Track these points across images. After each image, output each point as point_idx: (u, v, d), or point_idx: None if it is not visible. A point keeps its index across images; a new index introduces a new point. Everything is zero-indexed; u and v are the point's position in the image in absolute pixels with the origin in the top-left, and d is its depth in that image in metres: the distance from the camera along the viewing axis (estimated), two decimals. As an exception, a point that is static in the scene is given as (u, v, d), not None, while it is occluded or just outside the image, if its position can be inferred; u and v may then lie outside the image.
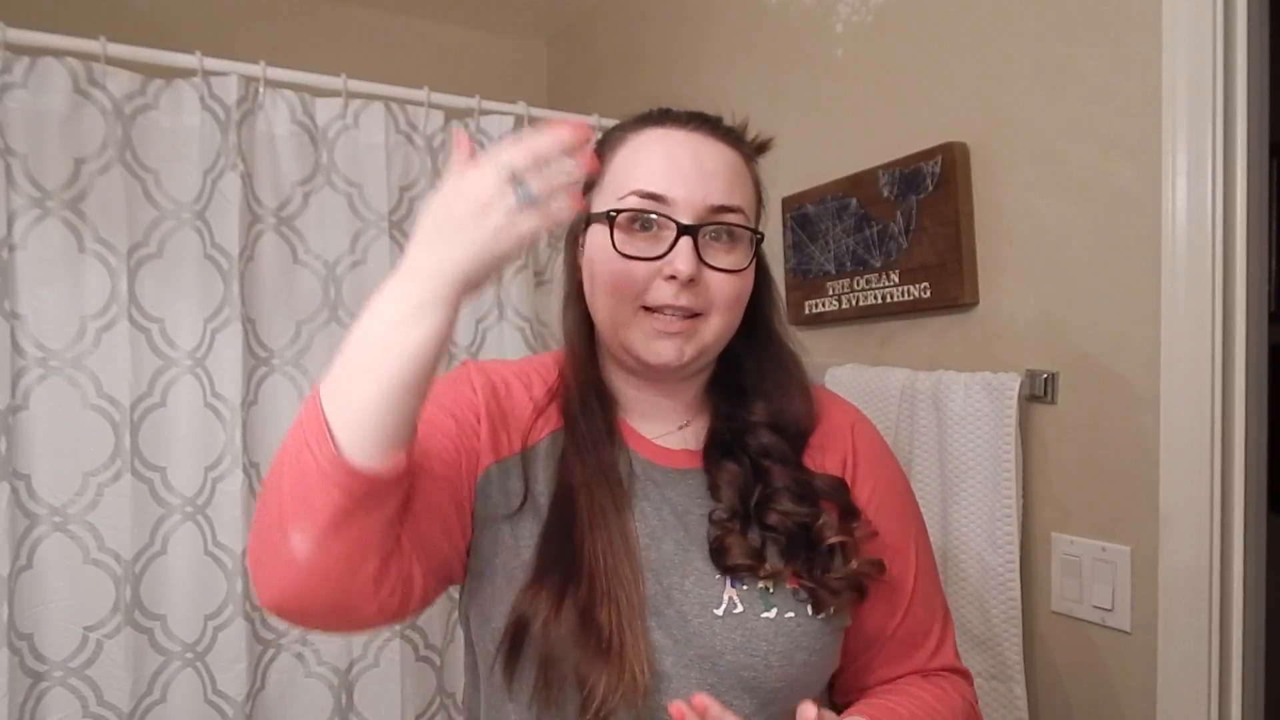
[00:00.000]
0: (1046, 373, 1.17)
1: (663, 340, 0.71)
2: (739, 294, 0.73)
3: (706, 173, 0.71)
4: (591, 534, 0.68)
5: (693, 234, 0.70)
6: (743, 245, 0.73)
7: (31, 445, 1.34)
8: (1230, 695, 1.02)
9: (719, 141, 0.74)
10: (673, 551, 0.71)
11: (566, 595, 0.66)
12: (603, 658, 0.64)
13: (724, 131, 0.76)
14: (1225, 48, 1.01)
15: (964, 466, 1.21)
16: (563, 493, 0.71)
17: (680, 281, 0.69)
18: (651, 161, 0.72)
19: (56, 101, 1.36)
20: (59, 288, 1.36)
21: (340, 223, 1.57)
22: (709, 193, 0.71)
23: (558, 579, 0.67)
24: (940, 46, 1.33)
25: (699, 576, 0.70)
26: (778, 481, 0.73)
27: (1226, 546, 1.02)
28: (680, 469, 0.76)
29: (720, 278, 0.71)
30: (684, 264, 0.69)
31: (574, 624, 0.65)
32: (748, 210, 0.74)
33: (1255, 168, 1.02)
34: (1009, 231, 1.23)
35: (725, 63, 1.80)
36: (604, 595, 0.66)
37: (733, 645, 0.68)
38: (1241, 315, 1.01)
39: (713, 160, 0.72)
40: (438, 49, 2.40)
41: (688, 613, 0.68)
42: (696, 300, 0.71)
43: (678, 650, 0.67)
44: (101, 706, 1.37)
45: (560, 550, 0.68)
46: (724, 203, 0.72)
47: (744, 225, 0.73)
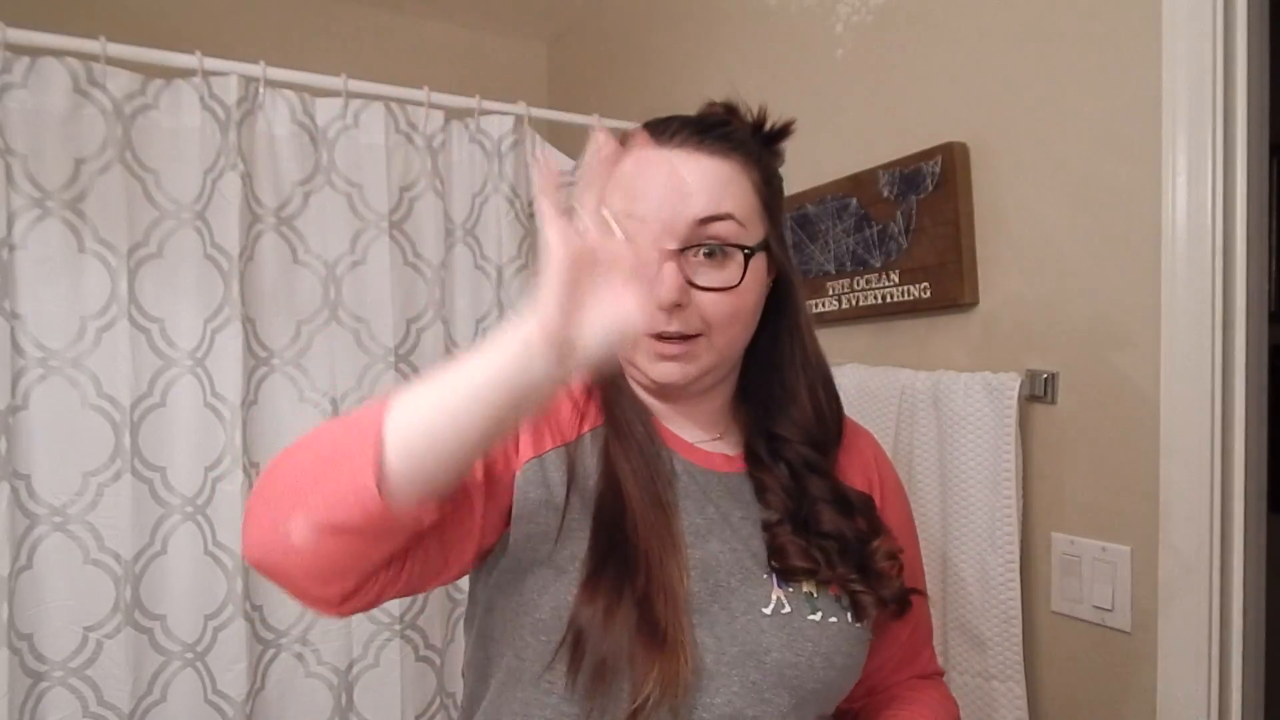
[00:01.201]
0: (1046, 373, 1.17)
1: (664, 363, 0.72)
2: (734, 312, 0.72)
3: (686, 191, 0.70)
4: (643, 527, 0.68)
5: (674, 258, 0.69)
6: (735, 261, 0.71)
7: (31, 445, 1.34)
8: (1230, 695, 1.02)
9: (704, 155, 0.72)
10: (719, 550, 0.72)
11: (624, 589, 0.65)
12: (657, 651, 0.64)
13: (713, 140, 0.73)
14: (1225, 48, 1.01)
15: (964, 466, 1.21)
16: (611, 485, 0.70)
17: (665, 309, 0.68)
18: (632, 186, 0.71)
19: (56, 101, 1.35)
20: (59, 288, 1.36)
21: (340, 223, 1.57)
22: (690, 208, 0.69)
23: (614, 572, 0.66)
24: (940, 46, 1.33)
25: (745, 575, 0.71)
26: (815, 492, 0.75)
27: (1226, 546, 1.02)
28: (720, 472, 0.77)
29: (710, 298, 0.70)
30: (665, 291, 0.67)
31: (633, 618, 0.65)
32: (742, 215, 0.72)
33: (1255, 168, 1.02)
34: (1009, 231, 1.23)
35: (725, 63, 1.80)
36: (659, 589, 0.66)
37: (779, 644, 0.69)
38: (1241, 315, 1.01)
39: (695, 175, 0.71)
40: (438, 49, 2.40)
41: (735, 609, 0.69)
42: (689, 323, 0.70)
43: (719, 648, 0.68)
44: (101, 706, 1.37)
45: (614, 543, 0.68)
46: (709, 213, 0.70)
47: (734, 243, 0.71)
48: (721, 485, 0.75)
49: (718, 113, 0.79)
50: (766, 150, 0.78)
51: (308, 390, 1.54)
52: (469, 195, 1.72)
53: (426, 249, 1.65)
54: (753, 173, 0.74)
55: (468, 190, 1.72)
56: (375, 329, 1.58)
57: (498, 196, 1.73)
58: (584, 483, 0.72)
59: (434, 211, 1.65)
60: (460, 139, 1.71)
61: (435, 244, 1.66)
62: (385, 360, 1.59)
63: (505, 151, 1.73)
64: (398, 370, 1.60)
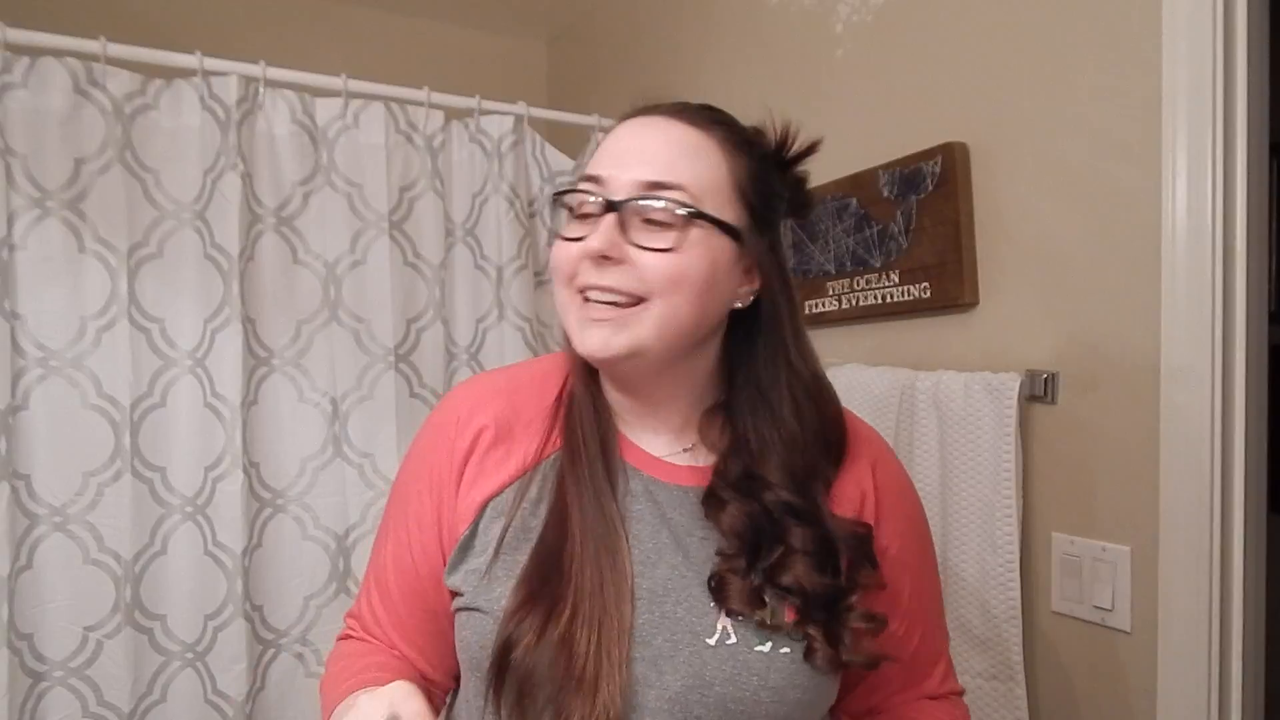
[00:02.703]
0: (1046, 373, 1.17)
1: (591, 327, 0.67)
2: (675, 275, 0.66)
3: (648, 152, 0.67)
4: (582, 558, 0.67)
5: (616, 209, 0.66)
6: (678, 227, 0.66)
7: (31, 445, 1.34)
8: (1230, 695, 1.02)
9: (680, 122, 0.69)
10: (667, 577, 0.68)
11: (550, 620, 0.64)
12: (576, 687, 0.62)
13: (694, 115, 0.70)
14: (1225, 48, 1.01)
15: (964, 466, 1.21)
16: (556, 514, 0.70)
17: (591, 257, 0.66)
18: (603, 149, 0.70)
19: (56, 101, 1.36)
20: (59, 288, 1.36)
21: (340, 223, 1.57)
22: (644, 170, 0.67)
23: (544, 603, 0.65)
24: (940, 46, 1.33)
25: (692, 604, 0.67)
26: (796, 543, 0.68)
27: (1226, 546, 1.02)
28: (685, 486, 0.72)
29: (649, 257, 0.66)
30: (597, 239, 0.65)
31: (552, 650, 0.63)
32: (697, 189, 0.67)
33: (1255, 168, 1.02)
34: (1009, 231, 1.23)
35: (725, 63, 1.80)
36: (586, 621, 0.64)
37: (723, 676, 0.65)
38: (1241, 315, 1.01)
39: (660, 140, 0.68)
40: (438, 49, 2.40)
41: (678, 641, 0.66)
42: (624, 280, 0.66)
43: (662, 682, 0.65)
44: (101, 706, 1.37)
45: (548, 574, 0.67)
46: (658, 179, 0.66)
47: (668, 199, 0.66)
48: (683, 501, 0.71)
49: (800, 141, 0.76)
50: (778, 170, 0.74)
51: (308, 390, 1.54)
52: (469, 195, 1.72)
53: (426, 249, 1.65)
54: (733, 157, 0.70)
55: (468, 190, 1.72)
56: (375, 329, 1.58)
57: (498, 196, 1.73)
58: (531, 512, 0.71)
59: (434, 211, 1.66)
60: (460, 139, 1.71)
61: (435, 244, 1.66)
62: (385, 360, 1.59)
63: (505, 151, 1.73)
64: (398, 370, 1.60)
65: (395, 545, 0.78)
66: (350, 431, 1.57)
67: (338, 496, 1.56)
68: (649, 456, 0.74)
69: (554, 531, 0.69)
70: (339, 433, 1.56)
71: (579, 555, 0.67)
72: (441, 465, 0.75)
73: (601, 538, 0.68)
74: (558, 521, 0.69)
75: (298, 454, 1.54)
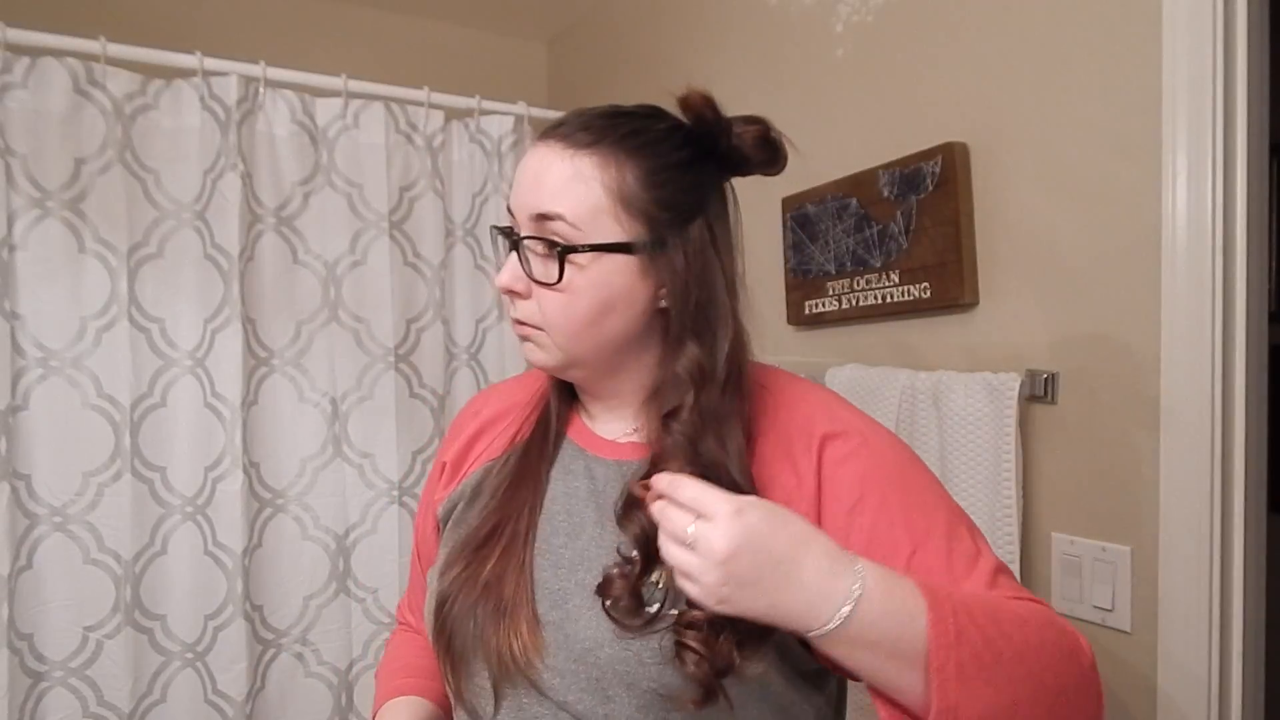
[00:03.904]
0: (1046, 373, 1.17)
1: (525, 346, 0.76)
2: (563, 310, 0.70)
3: (534, 186, 0.71)
4: (509, 523, 0.75)
5: (514, 245, 0.72)
6: (558, 262, 0.69)
7: (31, 445, 1.34)
8: (1230, 695, 1.02)
9: (562, 150, 0.70)
10: (585, 547, 0.73)
11: (479, 558, 0.74)
12: (499, 613, 0.71)
13: (578, 131, 0.70)
14: (1225, 48, 1.01)
15: (964, 466, 1.21)
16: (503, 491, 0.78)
17: (499, 291, 0.74)
18: (515, 179, 0.76)
19: (56, 101, 1.36)
20: (59, 288, 1.36)
21: (340, 223, 1.57)
22: (530, 203, 0.71)
23: (471, 564, 0.74)
24: (940, 46, 1.33)
25: (600, 572, 0.70)
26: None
27: (1226, 546, 1.02)
28: (620, 461, 0.77)
29: (542, 293, 0.71)
30: (502, 276, 0.73)
31: (479, 580, 0.72)
32: (578, 216, 0.68)
33: (1255, 168, 1.02)
34: (1009, 231, 1.23)
35: (725, 63, 1.80)
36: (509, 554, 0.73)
37: (608, 639, 0.67)
38: (1241, 315, 1.01)
39: (540, 169, 0.71)
40: (438, 49, 2.40)
41: (584, 606, 0.70)
42: (530, 313, 0.72)
43: (567, 644, 0.69)
44: (101, 706, 1.38)
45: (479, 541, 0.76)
46: (541, 210, 0.70)
47: (556, 239, 0.68)
48: (617, 476, 0.76)
49: (644, 108, 0.74)
50: (704, 151, 0.72)
51: (308, 390, 1.54)
52: (469, 195, 1.72)
53: (426, 249, 1.65)
54: (615, 171, 0.69)
55: (468, 190, 1.72)
56: (375, 329, 1.58)
57: (498, 196, 1.73)
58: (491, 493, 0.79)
59: (434, 211, 1.66)
60: (460, 139, 1.71)
61: (435, 244, 1.66)
62: (385, 360, 1.59)
63: (505, 151, 1.73)
64: (398, 370, 1.60)
65: (415, 533, 0.93)
66: (350, 431, 1.57)
67: (338, 496, 1.56)
68: (597, 438, 0.80)
69: (495, 505, 0.77)
70: (339, 433, 1.56)
71: (511, 522, 0.75)
72: (445, 455, 0.88)
73: (533, 507, 0.76)
74: (502, 497, 0.78)
75: (298, 454, 1.54)
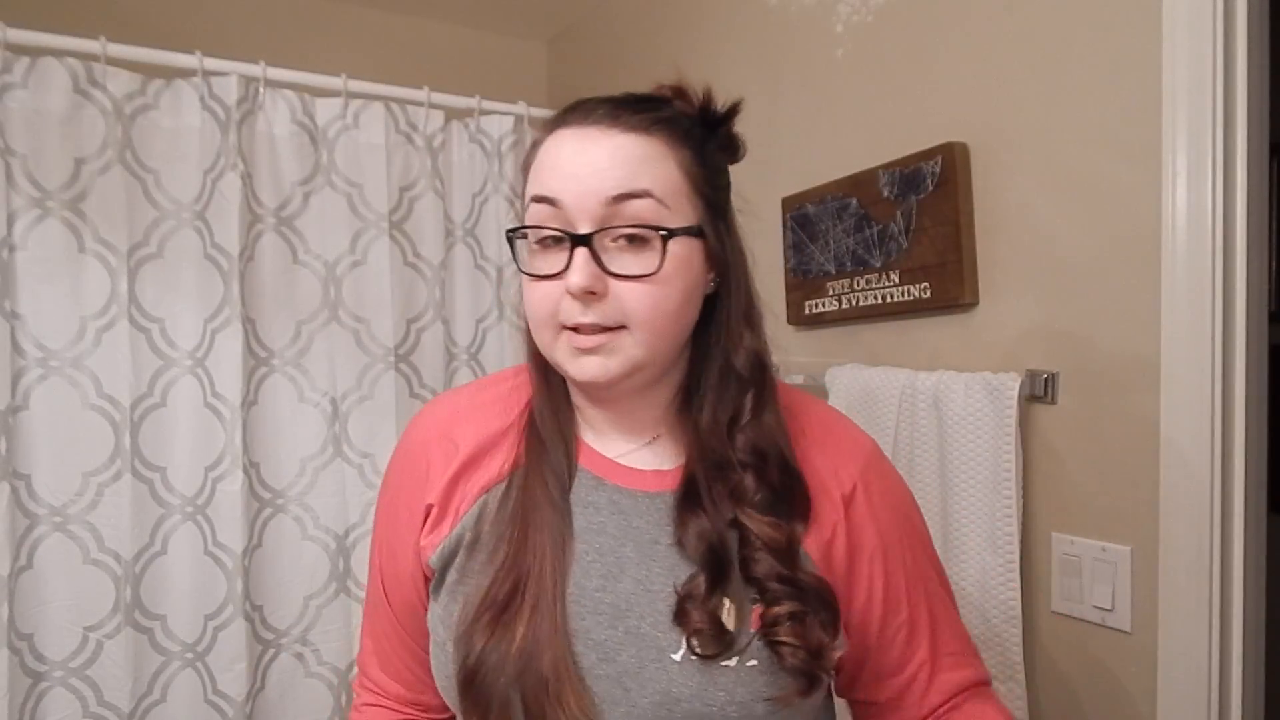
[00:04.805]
0: (1046, 373, 1.17)
1: (583, 358, 0.65)
2: (655, 303, 0.64)
3: (599, 169, 0.64)
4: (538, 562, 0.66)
5: (586, 243, 0.63)
6: (654, 245, 0.64)
7: (31, 445, 1.34)
8: (1230, 695, 1.02)
9: (621, 131, 0.65)
10: (630, 591, 0.67)
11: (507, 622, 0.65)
12: (541, 686, 0.62)
13: (633, 115, 0.67)
14: (1225, 48, 1.01)
15: (964, 466, 1.21)
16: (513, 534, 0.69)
17: (577, 297, 0.64)
18: (545, 166, 0.67)
19: (56, 101, 1.36)
20: (59, 288, 1.36)
21: (340, 223, 1.58)
22: (602, 186, 0.63)
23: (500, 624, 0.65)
24: (940, 46, 1.33)
25: (657, 619, 0.65)
26: (758, 538, 0.67)
27: (1226, 546, 1.02)
28: (649, 492, 0.70)
29: (629, 287, 0.64)
30: (577, 277, 0.63)
31: (514, 651, 0.64)
32: (663, 193, 0.64)
33: (1255, 168, 1.02)
34: (1009, 231, 1.23)
35: (725, 63, 1.80)
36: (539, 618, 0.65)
37: (689, 693, 0.63)
38: (1241, 315, 1.01)
39: (608, 154, 0.64)
40: (438, 49, 2.40)
41: (644, 657, 0.65)
42: (607, 315, 0.64)
43: (629, 699, 0.64)
44: (101, 706, 1.38)
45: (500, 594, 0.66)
46: (623, 190, 0.63)
47: (648, 225, 0.64)
48: (649, 509, 0.69)
49: (656, 92, 0.72)
50: (710, 135, 0.71)
51: (308, 390, 1.54)
52: (469, 195, 1.72)
53: (426, 249, 1.65)
54: (680, 152, 0.67)
55: (468, 190, 1.72)
56: (375, 329, 1.58)
57: (498, 196, 1.73)
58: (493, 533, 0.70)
59: (434, 211, 1.66)
60: (460, 139, 1.71)
61: (435, 244, 1.66)
62: (385, 360, 1.59)
63: (505, 151, 1.73)
64: (398, 370, 1.60)
65: (379, 578, 0.79)
66: (350, 431, 1.57)
67: (338, 496, 1.56)
68: (612, 464, 0.72)
69: (509, 557, 0.68)
70: (339, 433, 1.56)
71: (535, 573, 0.66)
72: (410, 498, 0.75)
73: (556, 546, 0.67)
74: (515, 543, 0.68)
75: (298, 454, 1.54)
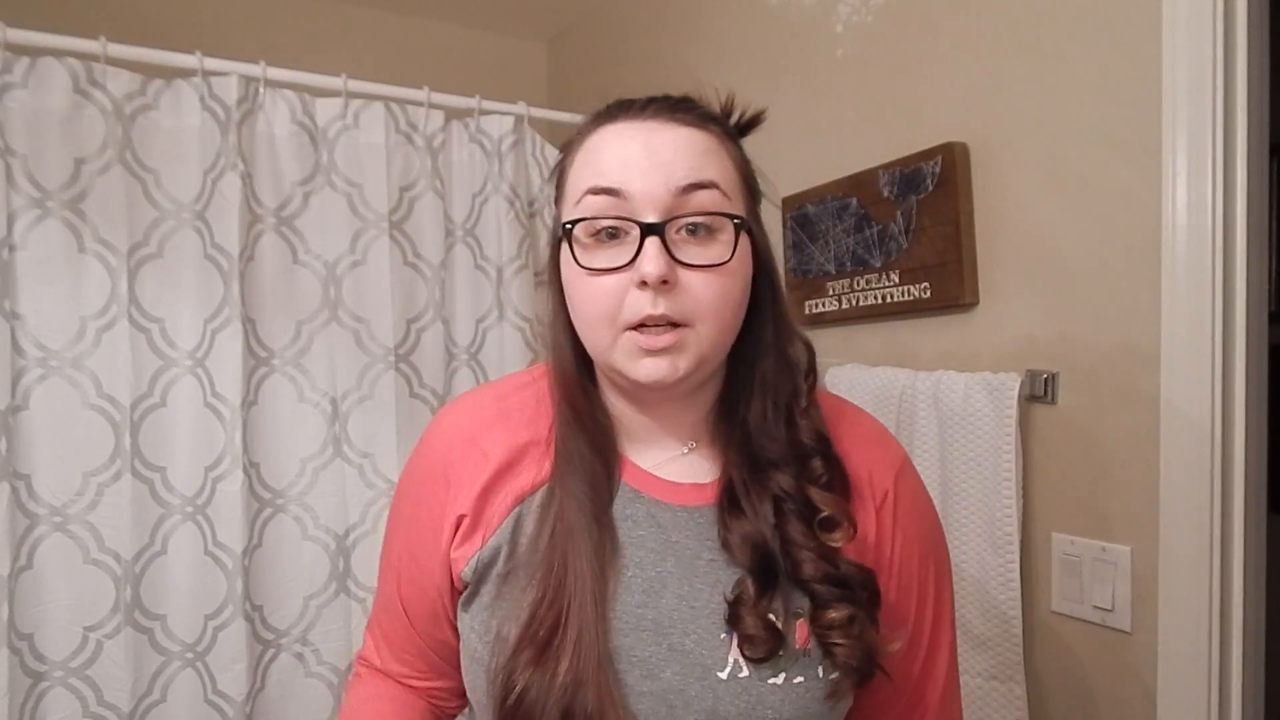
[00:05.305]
0: (1046, 373, 1.17)
1: (650, 359, 0.63)
2: (724, 293, 0.64)
3: (664, 159, 0.63)
4: (578, 590, 0.64)
5: (658, 231, 0.62)
6: (724, 234, 0.64)
7: (31, 445, 1.34)
8: (1230, 695, 1.02)
9: (679, 125, 0.65)
10: (673, 607, 0.65)
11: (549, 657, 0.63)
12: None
13: (686, 113, 0.67)
14: (1225, 48, 1.01)
15: (964, 466, 1.21)
16: (553, 549, 0.66)
17: (652, 286, 0.61)
18: (603, 158, 0.65)
19: (56, 101, 1.35)
20: (59, 288, 1.36)
21: (340, 223, 1.57)
22: (670, 176, 0.62)
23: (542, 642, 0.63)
24: (940, 46, 1.33)
25: (701, 636, 0.64)
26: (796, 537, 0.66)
27: (1226, 546, 1.02)
28: (688, 506, 0.69)
29: (699, 278, 0.63)
30: (652, 265, 0.61)
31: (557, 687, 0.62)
32: (726, 185, 0.65)
33: (1255, 168, 1.02)
34: (1009, 231, 1.24)
35: (725, 63, 1.80)
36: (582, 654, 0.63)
37: (736, 711, 0.62)
38: (1241, 315, 1.01)
39: (672, 145, 0.64)
40: (438, 49, 2.40)
41: (689, 675, 0.64)
42: (677, 307, 0.62)
43: (674, 716, 0.63)
44: (101, 706, 1.37)
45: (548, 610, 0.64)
46: (692, 180, 0.63)
47: (721, 212, 0.64)
48: (690, 523, 0.68)
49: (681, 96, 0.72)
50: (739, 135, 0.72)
51: (308, 390, 1.54)
52: (469, 195, 1.72)
53: (426, 249, 1.65)
54: (730, 147, 0.68)
55: (468, 190, 1.72)
56: (375, 329, 1.58)
57: (498, 196, 1.73)
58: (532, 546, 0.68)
59: (434, 211, 1.65)
60: (460, 139, 1.71)
61: (435, 244, 1.66)
62: (385, 360, 1.59)
63: (505, 151, 1.73)
64: (398, 370, 1.60)
65: (395, 583, 0.77)
66: (350, 431, 1.57)
67: (338, 496, 1.56)
68: (649, 476, 0.71)
69: (552, 586, 0.66)
70: (339, 433, 1.56)
71: (572, 599, 0.64)
72: (436, 507, 0.73)
73: (597, 571, 0.65)
74: (555, 557, 0.66)
75: (298, 454, 1.54)
